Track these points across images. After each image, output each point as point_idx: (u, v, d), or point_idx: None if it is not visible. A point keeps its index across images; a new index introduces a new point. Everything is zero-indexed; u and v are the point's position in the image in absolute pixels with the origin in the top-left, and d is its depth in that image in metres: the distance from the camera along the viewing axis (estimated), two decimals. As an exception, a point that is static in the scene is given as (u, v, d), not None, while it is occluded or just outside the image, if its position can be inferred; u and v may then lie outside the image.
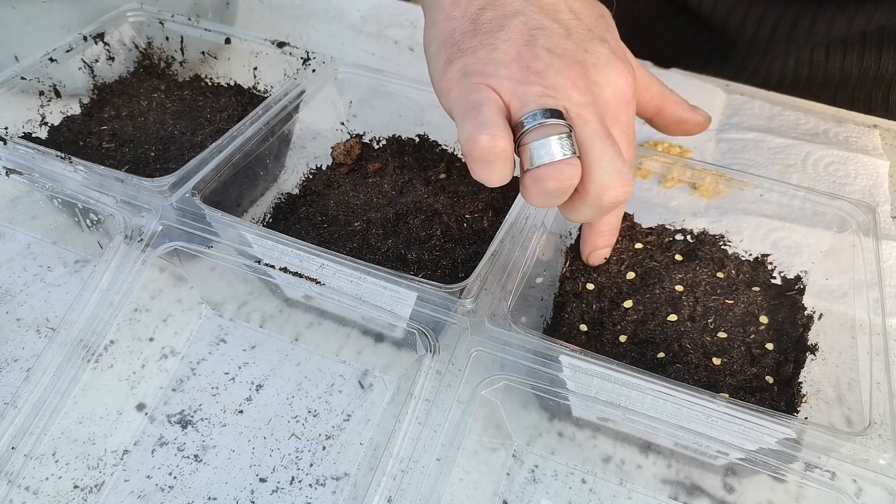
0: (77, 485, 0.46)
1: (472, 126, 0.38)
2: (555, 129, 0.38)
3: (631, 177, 0.40)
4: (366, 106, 0.62)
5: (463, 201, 0.54)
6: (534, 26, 0.41)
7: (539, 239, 0.49)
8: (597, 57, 0.41)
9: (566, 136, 0.38)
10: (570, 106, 0.39)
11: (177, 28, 0.65)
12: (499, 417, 0.48)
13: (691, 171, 0.54)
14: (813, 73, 0.76)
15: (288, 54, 0.61)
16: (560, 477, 0.47)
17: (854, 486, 0.39)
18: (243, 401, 0.51)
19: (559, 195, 0.39)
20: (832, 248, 0.52)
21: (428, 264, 0.49)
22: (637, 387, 0.40)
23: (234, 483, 0.47)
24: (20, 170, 0.50)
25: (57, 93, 0.60)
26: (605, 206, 0.40)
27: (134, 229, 0.48)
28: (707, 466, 0.47)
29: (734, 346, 0.47)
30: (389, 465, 0.40)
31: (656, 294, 0.50)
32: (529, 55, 0.40)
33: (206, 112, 0.60)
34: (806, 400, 0.45)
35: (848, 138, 0.71)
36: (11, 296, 0.55)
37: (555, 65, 0.40)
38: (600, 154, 0.39)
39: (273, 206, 0.57)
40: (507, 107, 0.39)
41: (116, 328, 0.47)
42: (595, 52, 0.41)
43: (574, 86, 0.40)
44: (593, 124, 0.39)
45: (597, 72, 0.41)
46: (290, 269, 0.46)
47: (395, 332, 0.53)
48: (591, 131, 0.39)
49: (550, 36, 0.41)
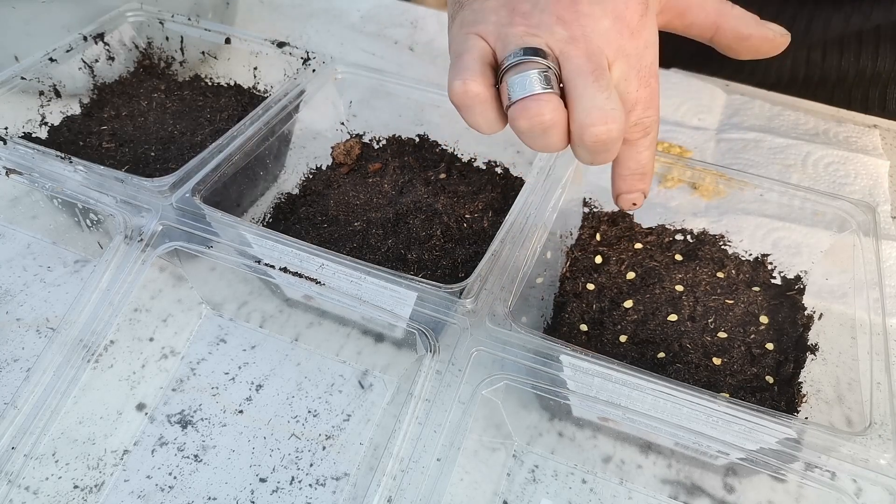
0: (77, 485, 0.46)
1: (451, 74, 0.39)
2: (531, 66, 0.37)
3: (616, 114, 0.37)
4: (366, 106, 0.62)
5: (463, 201, 0.54)
6: None
7: (539, 239, 0.49)
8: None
9: (542, 72, 0.37)
10: (553, 42, 0.38)
11: (177, 28, 0.65)
12: (499, 417, 0.48)
13: (691, 171, 0.54)
14: (810, 72, 0.76)
15: (288, 54, 0.61)
16: (560, 477, 0.47)
17: (854, 486, 0.39)
18: (243, 401, 0.51)
19: (539, 134, 0.38)
20: (832, 248, 0.52)
21: (428, 264, 0.49)
22: (637, 386, 0.40)
23: (234, 483, 0.47)
24: (20, 170, 0.50)
25: (57, 93, 0.60)
26: (590, 146, 0.38)
27: (134, 229, 0.48)
28: (707, 466, 0.47)
29: (734, 345, 0.47)
30: (389, 465, 0.40)
31: (656, 294, 0.50)
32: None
33: (206, 112, 0.60)
34: (806, 400, 0.45)
35: (848, 138, 0.71)
36: (11, 296, 0.55)
37: (541, 3, 0.39)
38: (581, 91, 0.38)
39: (273, 206, 0.57)
40: (494, 52, 0.40)
41: (116, 328, 0.47)
42: None
43: (560, 21, 0.39)
44: (577, 60, 0.38)
45: (590, 3, 0.39)
46: (290, 269, 0.46)
47: (395, 332, 0.53)
48: (574, 67, 0.38)
49: None
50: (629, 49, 0.40)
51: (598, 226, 0.55)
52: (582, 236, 0.55)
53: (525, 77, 0.37)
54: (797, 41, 0.74)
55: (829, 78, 0.76)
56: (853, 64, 0.73)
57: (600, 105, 0.37)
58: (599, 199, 0.57)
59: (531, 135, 0.38)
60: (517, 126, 0.38)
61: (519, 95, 0.37)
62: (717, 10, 0.46)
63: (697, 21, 0.46)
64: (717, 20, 0.46)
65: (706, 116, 0.74)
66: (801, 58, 0.75)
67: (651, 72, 0.42)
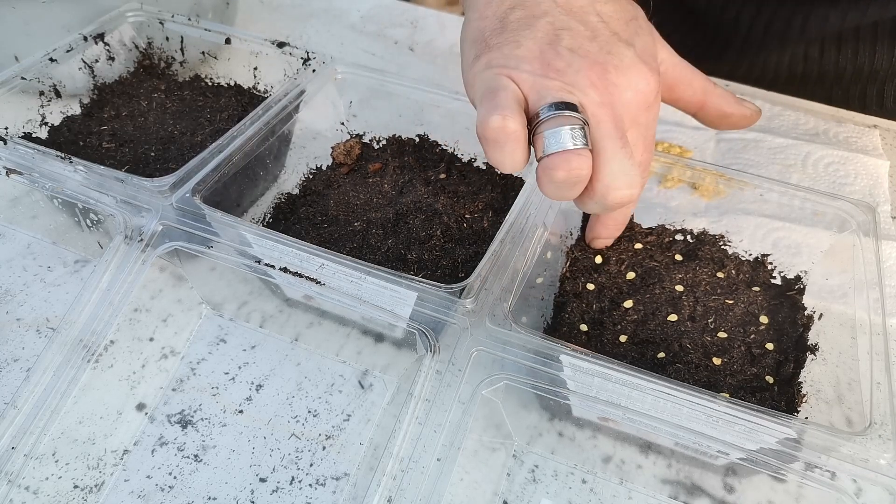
0: (77, 485, 0.46)
1: (486, 109, 0.40)
2: (569, 121, 0.39)
3: (638, 180, 0.41)
4: (366, 106, 0.62)
5: (463, 201, 0.54)
6: (559, 27, 0.42)
7: (539, 239, 0.49)
8: (619, 59, 0.42)
9: (579, 128, 0.39)
10: (586, 103, 0.40)
11: (177, 28, 0.65)
12: (499, 417, 0.48)
13: (691, 171, 0.54)
14: (808, 69, 0.76)
15: (288, 54, 0.61)
16: (560, 477, 0.47)
17: (854, 486, 0.39)
18: (243, 401, 0.51)
19: (569, 186, 0.40)
20: (832, 248, 0.52)
21: (428, 264, 0.49)
22: (637, 386, 0.40)
23: (234, 483, 0.47)
24: (20, 170, 0.50)
25: (57, 93, 0.60)
26: (610, 205, 0.41)
27: (134, 229, 0.48)
28: (707, 466, 0.47)
29: (734, 345, 0.47)
30: (389, 465, 0.40)
31: (656, 294, 0.50)
32: (552, 53, 0.41)
33: (206, 112, 0.60)
34: (806, 400, 0.45)
35: (848, 138, 0.71)
36: (11, 296, 0.55)
37: (575, 64, 0.41)
38: (611, 154, 0.40)
39: (273, 206, 0.57)
40: (526, 99, 0.41)
41: (116, 328, 0.47)
42: (618, 54, 0.42)
43: (592, 85, 0.40)
44: (607, 125, 0.40)
45: (618, 74, 0.41)
46: (290, 269, 0.46)
47: (395, 332, 0.53)
48: (605, 131, 0.40)
49: (575, 37, 0.42)
50: (642, 120, 0.43)
51: (598, 226, 0.55)
52: (582, 236, 0.55)
53: (560, 131, 0.39)
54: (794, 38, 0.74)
55: (826, 75, 0.76)
56: (850, 60, 0.74)
57: (627, 170, 0.40)
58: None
59: (561, 186, 0.40)
60: (553, 176, 0.39)
61: (557, 148, 0.39)
62: (703, 89, 0.50)
63: (685, 97, 0.50)
64: (703, 98, 0.50)
65: (706, 116, 0.74)
66: (799, 54, 0.76)
67: (653, 140, 0.46)
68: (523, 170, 0.42)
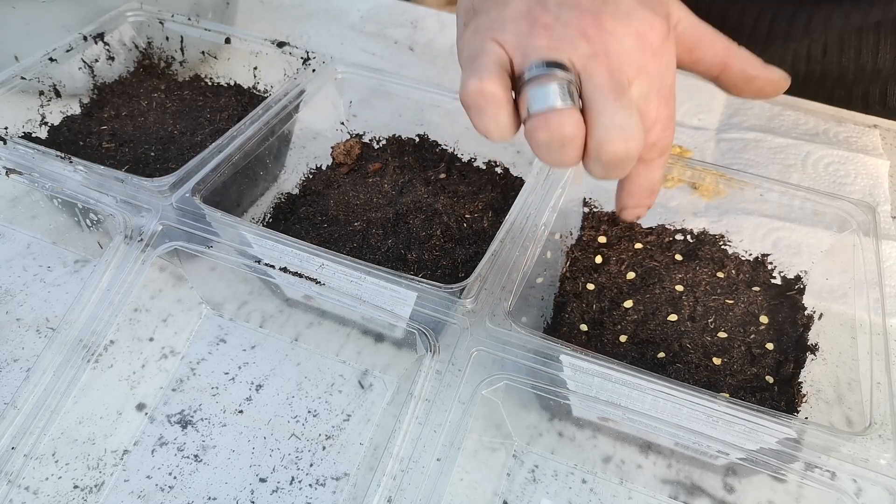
0: (77, 485, 0.46)
1: (465, 75, 0.38)
2: (552, 79, 0.37)
3: (635, 132, 0.37)
4: (366, 106, 0.62)
5: (463, 201, 0.54)
6: None
7: (539, 239, 0.49)
8: (616, 6, 0.40)
9: (565, 85, 0.37)
10: (574, 57, 0.38)
11: (177, 28, 0.65)
12: (499, 417, 0.48)
13: (691, 171, 0.54)
14: (810, 69, 0.76)
15: (288, 54, 0.61)
16: (560, 477, 0.47)
17: (854, 486, 0.39)
18: (243, 401, 0.51)
19: (556, 148, 0.37)
20: (832, 248, 0.52)
21: (428, 264, 0.49)
22: (637, 386, 0.40)
23: (234, 483, 0.47)
24: (20, 170, 0.50)
25: (57, 93, 0.60)
26: (607, 163, 0.38)
27: (134, 229, 0.48)
28: (707, 466, 0.47)
29: (734, 345, 0.47)
30: (389, 465, 0.40)
31: (656, 294, 0.50)
32: (539, 10, 0.39)
33: (206, 112, 0.60)
34: (806, 400, 0.45)
35: (848, 138, 0.71)
36: (11, 296, 0.55)
37: (563, 17, 0.39)
38: (602, 107, 0.37)
39: (273, 206, 0.57)
40: (512, 61, 0.39)
41: (116, 328, 0.47)
42: (615, 1, 0.40)
43: (583, 36, 0.38)
44: (600, 77, 0.38)
45: (614, 21, 0.39)
46: (290, 269, 0.46)
47: (395, 332, 0.53)
48: (596, 84, 0.38)
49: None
50: (651, 69, 0.40)
51: (598, 226, 0.55)
52: (582, 236, 0.55)
53: (547, 89, 0.37)
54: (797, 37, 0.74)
55: (829, 74, 0.76)
56: (853, 60, 0.73)
57: (620, 123, 0.37)
58: (599, 199, 0.57)
59: (549, 148, 0.38)
60: (535, 138, 0.37)
61: (540, 108, 0.37)
62: (726, 50, 0.46)
63: (706, 58, 0.46)
64: (726, 59, 0.46)
65: (706, 116, 0.74)
66: (802, 54, 0.76)
67: (671, 93, 0.42)
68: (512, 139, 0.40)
